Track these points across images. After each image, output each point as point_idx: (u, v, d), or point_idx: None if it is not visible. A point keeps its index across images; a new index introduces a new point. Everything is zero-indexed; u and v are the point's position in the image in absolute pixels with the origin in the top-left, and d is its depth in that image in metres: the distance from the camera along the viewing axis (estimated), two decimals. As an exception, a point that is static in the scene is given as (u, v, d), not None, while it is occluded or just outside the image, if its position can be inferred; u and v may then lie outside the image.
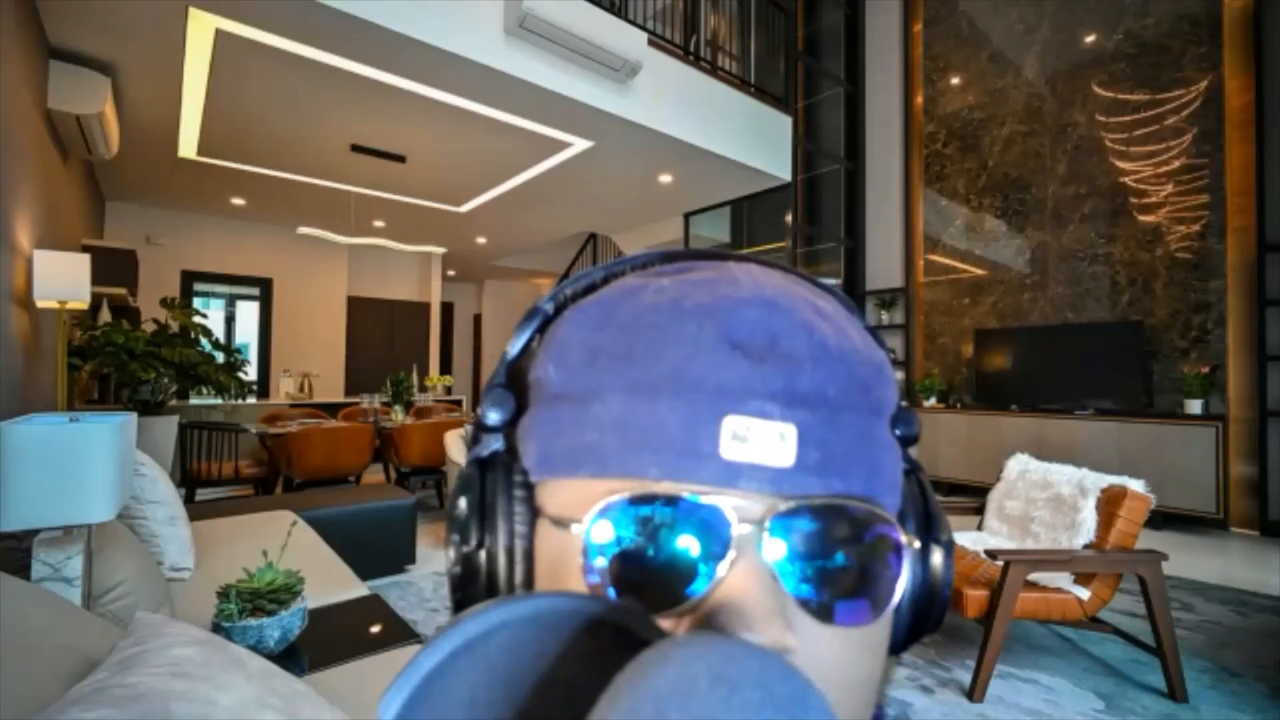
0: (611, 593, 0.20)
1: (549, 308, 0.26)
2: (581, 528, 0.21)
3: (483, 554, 0.23)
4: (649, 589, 0.20)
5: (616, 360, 0.22)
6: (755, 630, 0.18)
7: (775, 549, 0.20)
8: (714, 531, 0.20)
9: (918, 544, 0.24)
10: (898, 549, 0.21)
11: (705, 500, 0.20)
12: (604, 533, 0.20)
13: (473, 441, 0.26)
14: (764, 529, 0.20)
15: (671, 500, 0.20)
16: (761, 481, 0.20)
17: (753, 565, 0.20)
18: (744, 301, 0.21)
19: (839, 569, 0.21)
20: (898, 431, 0.25)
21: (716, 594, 0.19)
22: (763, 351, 0.20)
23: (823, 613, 0.20)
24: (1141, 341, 4.21)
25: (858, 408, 0.22)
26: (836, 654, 0.20)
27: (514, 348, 0.26)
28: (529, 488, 0.24)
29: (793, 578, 0.20)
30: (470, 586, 0.23)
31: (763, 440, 0.20)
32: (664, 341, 0.21)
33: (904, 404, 0.26)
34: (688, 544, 0.20)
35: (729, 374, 0.20)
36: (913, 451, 0.27)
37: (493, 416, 0.25)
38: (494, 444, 0.25)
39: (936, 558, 0.25)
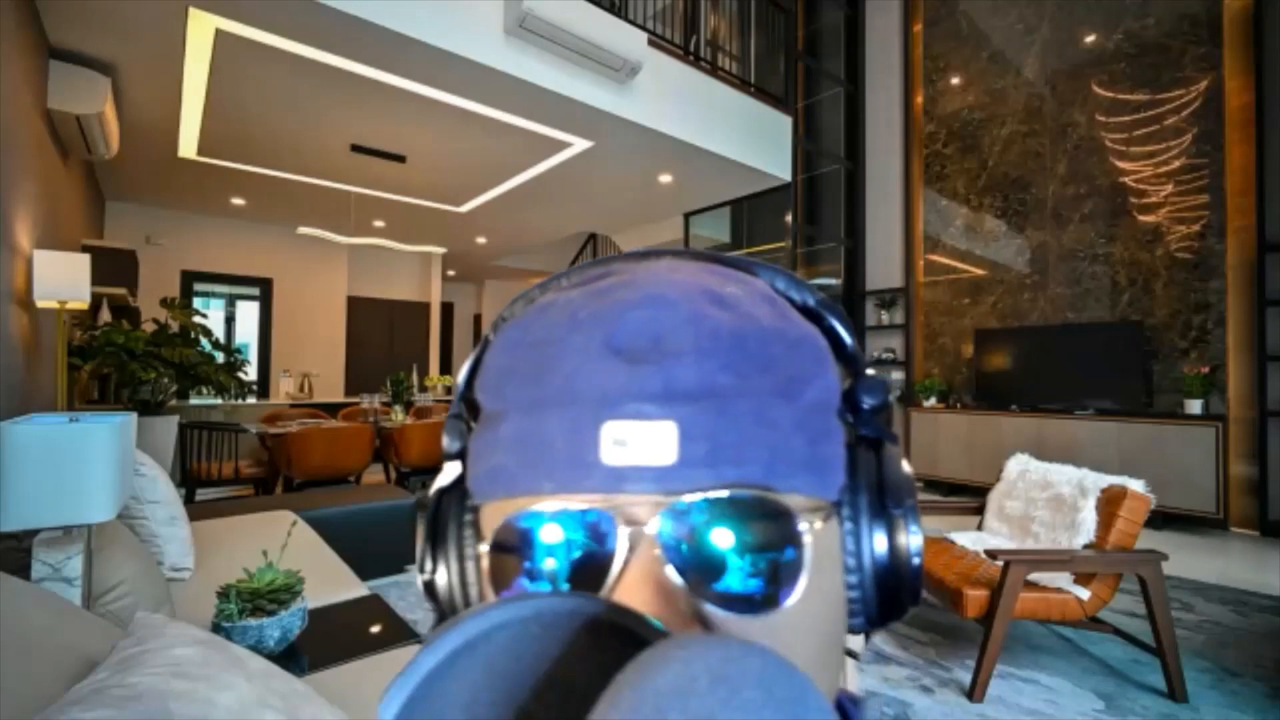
0: (540, 584, 0.21)
1: (490, 333, 0.26)
2: (484, 549, 0.22)
3: (439, 578, 0.25)
4: (575, 578, 0.21)
5: (523, 380, 0.22)
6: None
7: (670, 545, 0.20)
8: (606, 537, 0.20)
9: (819, 522, 0.22)
10: (795, 536, 0.21)
11: (593, 507, 0.20)
12: (550, 534, 0.21)
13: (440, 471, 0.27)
14: (650, 529, 0.20)
15: (560, 514, 0.21)
16: (646, 482, 0.20)
17: (645, 565, 0.20)
18: (632, 304, 0.22)
19: (738, 558, 0.20)
20: (865, 404, 0.25)
21: (619, 593, 0.20)
22: (644, 352, 0.21)
23: (726, 603, 0.20)
24: (1141, 341, 4.21)
25: (756, 391, 0.21)
26: (757, 636, 0.20)
27: (461, 376, 0.27)
28: (475, 511, 0.25)
29: (693, 571, 0.20)
30: (436, 607, 0.25)
31: (642, 441, 0.20)
32: (558, 356, 0.22)
33: (870, 372, 0.25)
34: (598, 555, 0.20)
35: (608, 380, 0.20)
36: (882, 420, 0.26)
37: (448, 446, 0.26)
38: (452, 472, 0.26)
39: (898, 530, 0.24)
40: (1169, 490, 3.85)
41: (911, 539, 0.24)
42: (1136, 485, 2.06)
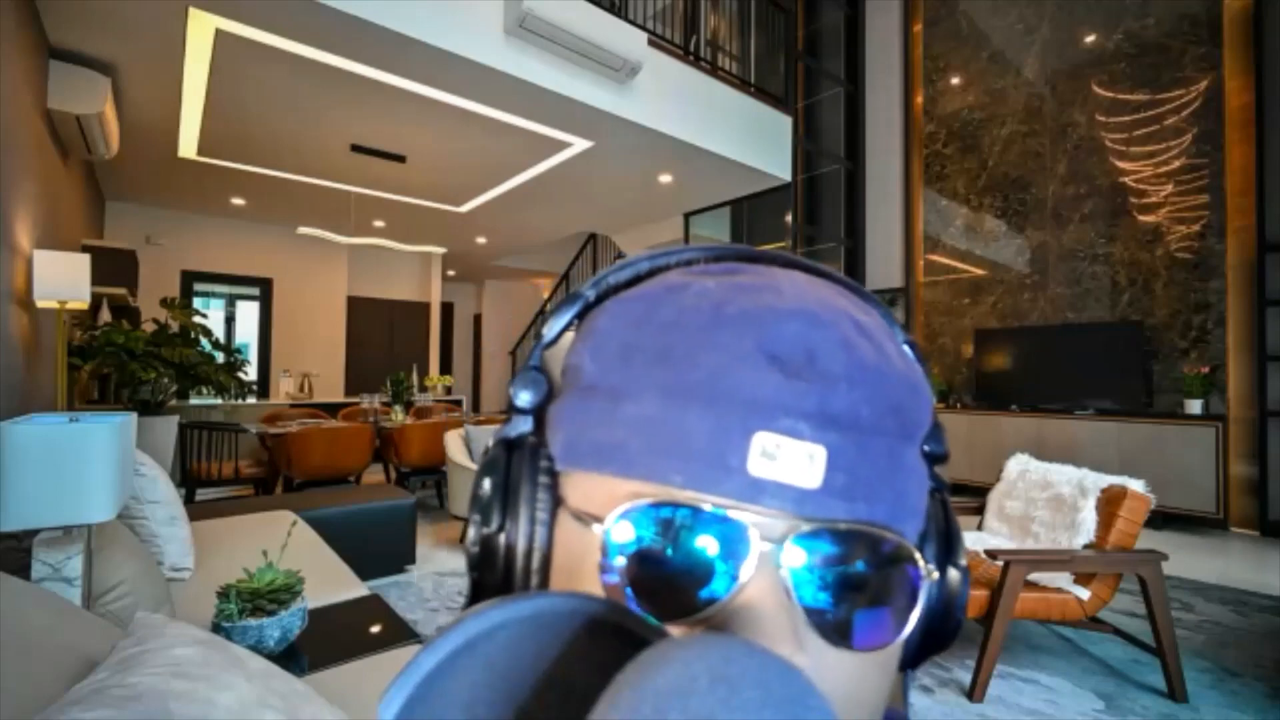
0: (629, 593, 0.20)
1: (590, 294, 0.26)
2: (602, 528, 0.20)
3: (502, 537, 0.23)
4: (665, 595, 0.20)
5: (652, 360, 0.21)
6: (767, 646, 0.19)
7: (793, 569, 0.20)
8: (733, 546, 0.20)
9: (936, 574, 0.24)
10: (915, 579, 0.21)
11: (729, 514, 0.20)
12: (624, 533, 0.20)
13: (505, 421, 0.26)
14: (784, 548, 0.20)
15: (694, 510, 0.20)
16: (785, 501, 0.20)
17: (770, 583, 0.20)
18: (785, 313, 0.21)
19: (855, 594, 0.20)
20: (926, 449, 0.25)
21: (731, 607, 0.19)
22: (799, 367, 0.20)
23: (834, 635, 0.20)
24: (1141, 341, 4.21)
25: (889, 431, 0.21)
26: (845, 675, 0.20)
27: (551, 331, 0.26)
28: (553, 475, 0.23)
29: (808, 598, 0.20)
30: (487, 568, 0.23)
31: (791, 459, 0.20)
32: (701, 347, 0.21)
33: (938, 423, 0.26)
34: (707, 555, 0.20)
35: (763, 388, 0.20)
36: (941, 470, 0.26)
37: (523, 397, 0.25)
38: (523, 425, 0.25)
39: (953, 580, 0.25)
40: (1169, 490, 3.85)
41: (963, 592, 0.25)
42: (1136, 485, 2.06)
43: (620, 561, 0.20)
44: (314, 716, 0.84)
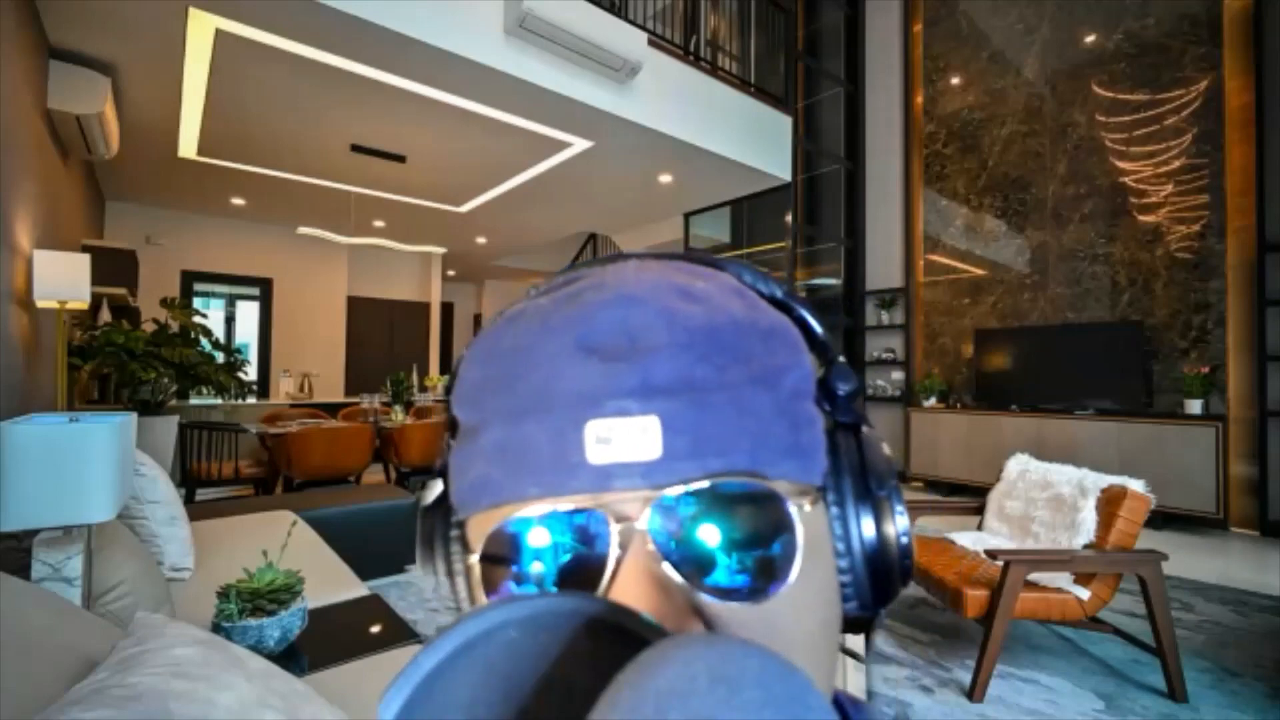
0: (528, 587, 0.21)
1: (465, 353, 0.26)
2: (474, 560, 0.22)
3: (433, 591, 0.25)
4: (566, 581, 0.21)
5: (497, 389, 0.22)
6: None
7: (662, 539, 0.20)
8: (598, 535, 0.20)
9: (808, 505, 0.22)
10: (786, 518, 0.21)
11: (582, 507, 0.20)
12: (537, 538, 0.21)
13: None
14: (641, 523, 0.20)
15: (548, 516, 0.20)
16: (634, 478, 0.20)
17: (639, 561, 0.20)
18: (602, 304, 0.22)
19: (732, 545, 0.21)
20: (841, 390, 0.25)
21: (616, 590, 0.20)
22: (618, 350, 0.21)
23: (722, 594, 0.20)
24: (1141, 341, 4.21)
25: (734, 382, 0.21)
26: (756, 629, 0.20)
27: (443, 392, 0.28)
28: (461, 525, 0.25)
29: (687, 563, 0.20)
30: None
31: (626, 438, 0.20)
32: (531, 362, 0.22)
33: (840, 359, 0.26)
34: (588, 555, 0.20)
35: (586, 380, 0.20)
36: (857, 405, 0.26)
37: (437, 462, 0.27)
38: (436, 489, 0.27)
39: (884, 511, 0.24)
40: (1169, 490, 3.85)
41: (898, 519, 0.24)
42: (1136, 485, 2.06)
43: (537, 568, 0.21)
44: (314, 716, 0.84)
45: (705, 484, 0.20)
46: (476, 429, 0.23)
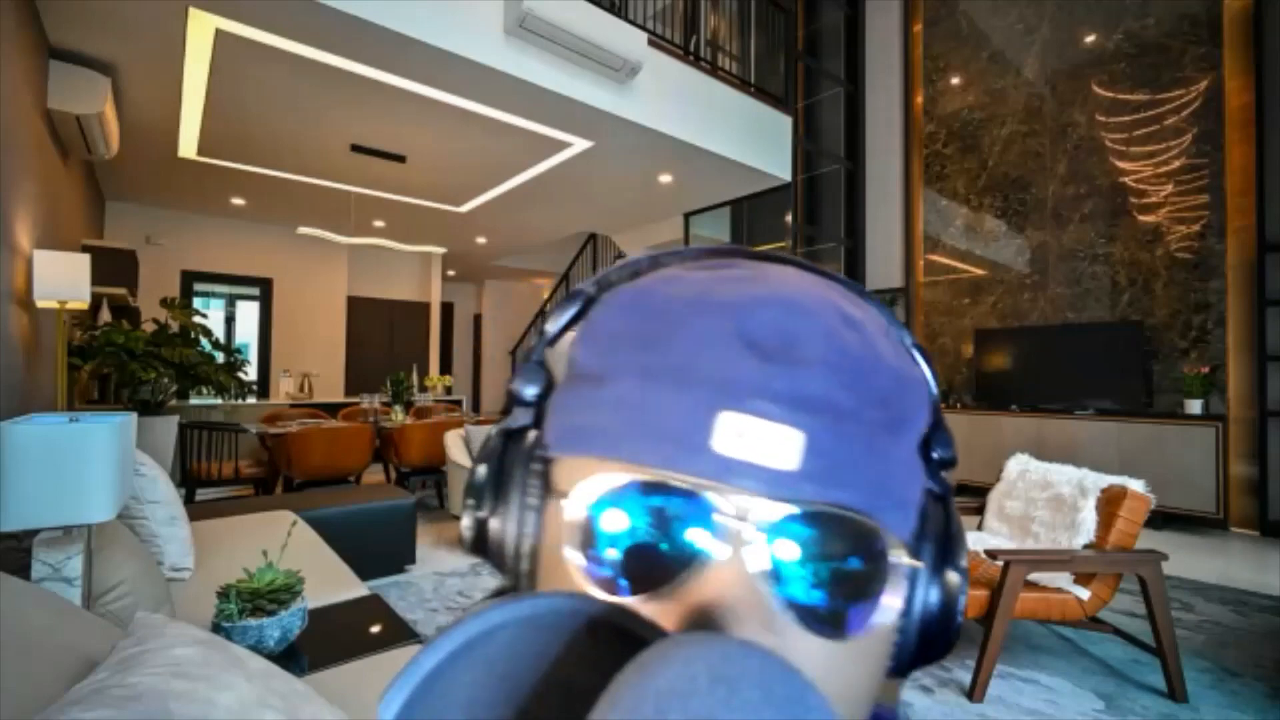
0: (603, 570, 0.21)
1: (591, 290, 0.26)
2: (568, 501, 0.21)
3: (494, 521, 0.24)
4: (638, 567, 0.20)
5: (635, 345, 0.22)
6: (734, 626, 0.18)
7: (762, 549, 0.20)
8: (702, 524, 0.20)
9: (916, 563, 0.23)
10: (888, 568, 0.21)
11: (699, 492, 0.20)
12: (613, 516, 0.21)
13: (504, 413, 0.26)
14: (753, 527, 0.20)
15: (657, 485, 0.20)
16: (757, 481, 0.20)
17: (737, 563, 0.19)
18: (765, 300, 0.21)
19: (827, 578, 0.20)
20: (935, 455, 0.25)
21: (701, 587, 0.19)
22: (775, 352, 0.20)
23: (806, 619, 0.20)
24: (1141, 341, 4.21)
25: (872, 420, 0.21)
26: (817, 662, 0.20)
27: (554, 327, 0.26)
28: (547, 463, 0.24)
29: (778, 580, 0.20)
30: (480, 550, 0.25)
31: (762, 440, 0.20)
32: (681, 331, 0.21)
33: (946, 431, 0.26)
34: (678, 533, 0.20)
35: (737, 370, 0.20)
36: (947, 475, 0.26)
37: (525, 390, 0.26)
38: (523, 418, 0.26)
39: (952, 583, 0.24)
40: (1169, 490, 3.85)
41: (961, 598, 0.24)
42: (1136, 485, 2.06)
43: (606, 549, 0.21)
44: (314, 716, 0.84)
45: (831, 510, 0.20)
46: (602, 376, 0.22)
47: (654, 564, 0.20)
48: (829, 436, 0.20)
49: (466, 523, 0.25)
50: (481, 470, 0.25)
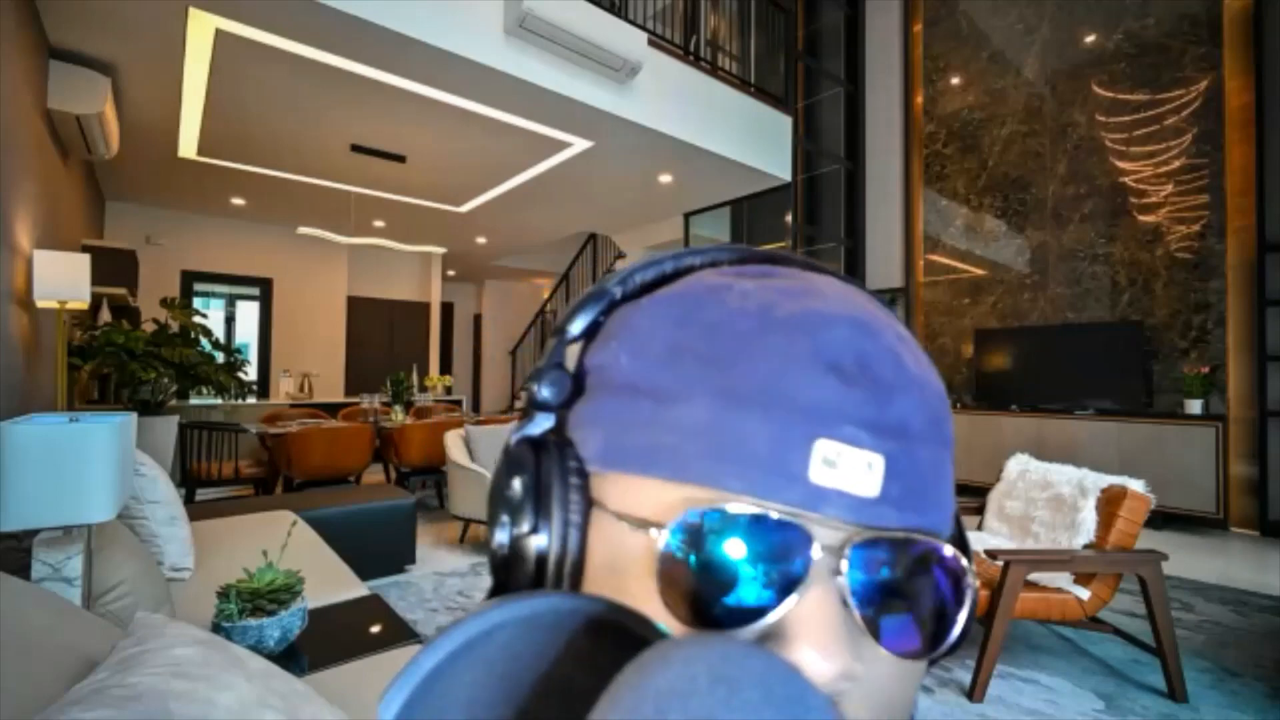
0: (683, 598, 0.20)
1: (617, 292, 0.25)
2: (663, 532, 0.20)
3: (533, 539, 0.22)
4: (717, 601, 0.20)
5: (703, 363, 0.21)
6: (827, 656, 0.18)
7: (850, 577, 0.20)
8: (792, 553, 0.19)
9: (976, 581, 0.24)
10: (964, 586, 0.22)
11: (793, 520, 0.19)
12: (680, 541, 0.20)
13: (522, 417, 0.25)
14: (843, 556, 0.20)
15: (757, 517, 0.19)
16: (844, 509, 0.20)
17: (828, 591, 0.19)
18: (834, 319, 0.21)
19: (911, 601, 0.21)
20: None
21: (790, 616, 0.19)
22: (855, 375, 0.20)
23: (891, 642, 0.20)
24: (1141, 341, 4.21)
25: (935, 440, 0.22)
26: (895, 681, 0.21)
27: (576, 328, 0.25)
28: (584, 475, 0.23)
29: (863, 606, 0.20)
30: (516, 570, 0.23)
31: (851, 468, 0.20)
32: (754, 351, 0.20)
33: None
34: (762, 562, 0.20)
35: (822, 394, 0.20)
36: None
37: (546, 393, 0.24)
38: (545, 423, 0.25)
39: (963, 595, 0.25)
40: (1169, 490, 3.85)
41: (975, 596, 0.25)
42: (1136, 485, 2.05)
43: (676, 570, 0.20)
44: (314, 716, 0.84)
45: (910, 536, 0.20)
46: (665, 393, 0.21)
47: (717, 585, 0.20)
48: (905, 461, 0.20)
49: (501, 539, 0.23)
50: (517, 484, 0.23)
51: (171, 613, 1.49)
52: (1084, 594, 1.96)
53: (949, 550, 0.21)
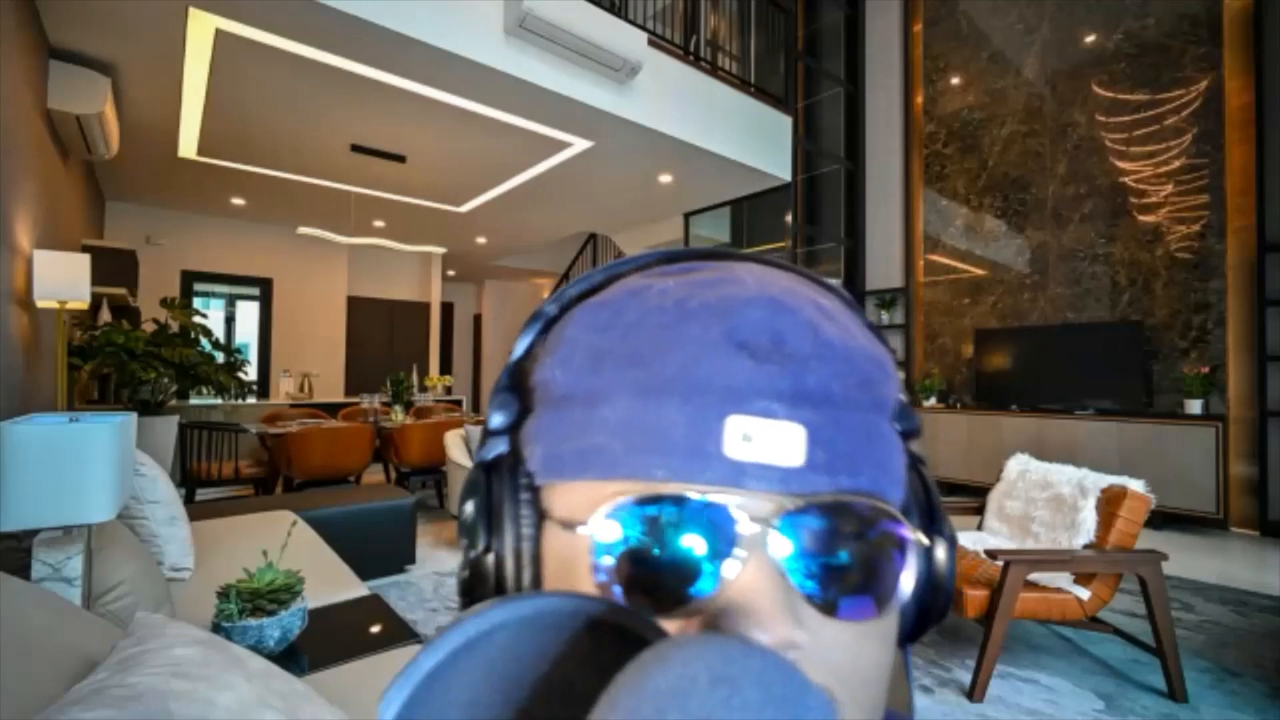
0: (618, 592, 0.20)
1: (552, 310, 0.26)
2: (588, 529, 0.21)
3: (490, 557, 0.24)
4: (656, 589, 0.20)
5: (623, 362, 0.22)
6: (764, 628, 0.18)
7: (783, 547, 0.20)
8: (722, 531, 0.20)
9: (925, 540, 0.24)
10: (904, 545, 0.22)
11: (712, 499, 0.20)
12: (611, 532, 0.20)
13: (480, 444, 0.26)
14: (772, 527, 0.20)
15: (678, 500, 0.20)
16: (769, 481, 0.20)
17: (761, 564, 0.20)
18: (748, 301, 0.21)
19: (847, 565, 0.21)
20: (898, 426, 0.25)
21: (726, 593, 0.19)
22: (768, 351, 0.20)
23: (830, 608, 0.20)
24: (1141, 341, 4.21)
25: (862, 405, 0.22)
26: (846, 649, 0.20)
27: (518, 350, 0.26)
28: (535, 490, 0.24)
29: (801, 574, 0.20)
30: (479, 590, 0.24)
31: (769, 440, 0.20)
32: (670, 342, 0.21)
33: (904, 398, 0.26)
34: (694, 544, 0.20)
35: (735, 374, 0.20)
36: (916, 446, 0.27)
37: (497, 419, 0.25)
38: (499, 447, 0.25)
39: (940, 551, 0.25)
40: (1169, 490, 3.85)
41: (951, 562, 0.25)
42: (1136, 485, 2.06)
43: (608, 561, 0.20)
44: (314, 716, 0.84)
45: (836, 500, 0.21)
46: (592, 398, 0.22)
47: (654, 569, 0.20)
48: (829, 427, 0.21)
49: (461, 562, 0.25)
50: (469, 508, 0.24)
51: (171, 613, 1.49)
52: (1084, 594, 1.96)
53: (888, 510, 0.21)
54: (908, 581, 0.22)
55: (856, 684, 0.21)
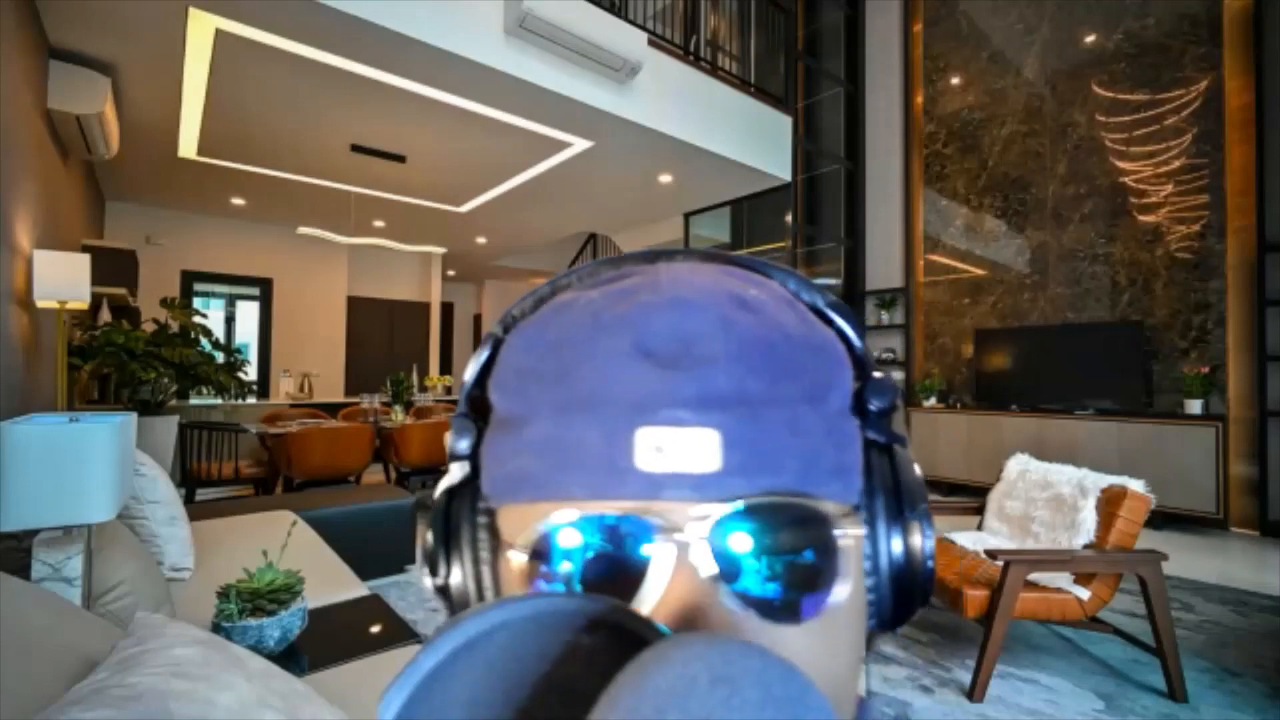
0: None
1: (499, 331, 0.26)
2: (517, 554, 0.21)
3: (454, 583, 0.24)
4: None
5: (546, 381, 0.22)
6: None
7: (706, 554, 0.20)
8: (639, 544, 0.20)
9: (861, 530, 0.23)
10: (833, 539, 0.21)
11: (630, 514, 0.20)
12: (541, 556, 0.21)
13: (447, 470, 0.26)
14: (694, 538, 0.20)
15: (596, 521, 0.20)
16: (685, 489, 0.20)
17: (684, 574, 0.20)
18: (657, 307, 0.21)
19: (776, 567, 0.21)
20: (872, 406, 0.24)
21: (659, 611, 0.19)
22: (675, 357, 0.20)
23: (764, 611, 0.20)
24: (1141, 341, 4.21)
25: (787, 398, 0.21)
26: (795, 649, 0.20)
27: (469, 374, 0.26)
28: (491, 514, 0.24)
29: (730, 580, 0.20)
30: (450, 607, 0.25)
31: (681, 449, 0.20)
32: (584, 357, 0.21)
33: (877, 374, 0.25)
34: (618, 565, 0.20)
35: (641, 385, 0.20)
36: (892, 423, 0.26)
37: (459, 444, 0.25)
38: (460, 472, 0.25)
39: (912, 530, 0.24)
40: (1169, 490, 3.85)
41: (926, 542, 0.24)
42: (1136, 485, 2.06)
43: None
44: (314, 716, 0.84)
45: (762, 500, 0.20)
46: (521, 419, 0.22)
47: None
48: (745, 427, 0.20)
49: (428, 588, 0.25)
50: (429, 536, 0.24)
51: (171, 613, 1.49)
52: (1084, 594, 1.96)
53: (808, 508, 0.21)
54: (843, 586, 0.21)
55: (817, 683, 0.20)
